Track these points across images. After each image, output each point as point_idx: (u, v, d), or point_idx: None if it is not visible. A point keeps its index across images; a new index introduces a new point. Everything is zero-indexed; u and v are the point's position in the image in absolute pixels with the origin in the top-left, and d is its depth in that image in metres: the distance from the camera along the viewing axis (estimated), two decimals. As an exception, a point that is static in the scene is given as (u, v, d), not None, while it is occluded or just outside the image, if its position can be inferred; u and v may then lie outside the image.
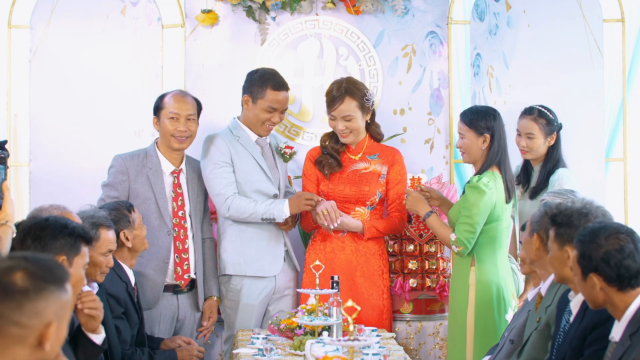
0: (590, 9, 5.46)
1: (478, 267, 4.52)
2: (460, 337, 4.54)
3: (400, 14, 5.55)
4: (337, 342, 3.17)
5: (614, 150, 5.72)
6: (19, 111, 5.62)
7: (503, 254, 4.61)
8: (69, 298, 2.12)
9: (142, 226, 4.42)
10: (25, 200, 5.44)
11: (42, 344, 2.05)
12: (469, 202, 4.49)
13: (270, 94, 4.86)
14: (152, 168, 4.81)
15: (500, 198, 4.52)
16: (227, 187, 4.83)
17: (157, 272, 4.72)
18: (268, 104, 4.87)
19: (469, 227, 4.47)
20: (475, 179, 4.49)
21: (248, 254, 4.89)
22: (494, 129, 4.52)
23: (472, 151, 4.56)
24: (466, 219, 4.48)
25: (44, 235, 3.10)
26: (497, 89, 5.54)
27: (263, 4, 5.50)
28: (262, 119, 4.90)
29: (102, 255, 3.83)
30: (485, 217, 4.47)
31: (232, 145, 4.90)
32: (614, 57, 5.62)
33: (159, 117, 4.83)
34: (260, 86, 4.88)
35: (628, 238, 2.83)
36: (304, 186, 5.00)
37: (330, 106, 4.86)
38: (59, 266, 2.14)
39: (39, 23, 5.46)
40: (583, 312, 3.20)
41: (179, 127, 4.78)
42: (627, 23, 5.62)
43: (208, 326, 4.90)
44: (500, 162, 4.53)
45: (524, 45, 5.50)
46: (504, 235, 4.61)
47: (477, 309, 4.50)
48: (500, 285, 4.51)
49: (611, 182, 5.64)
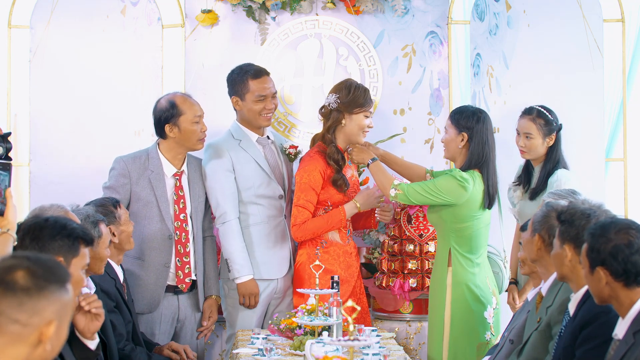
0: (590, 9, 5.46)
1: (453, 267, 4.57)
2: (438, 335, 4.59)
3: (400, 14, 5.55)
4: (337, 342, 3.17)
5: (614, 150, 5.72)
6: (19, 111, 5.62)
7: (481, 254, 4.64)
8: (70, 298, 2.13)
9: (129, 223, 4.41)
10: (25, 200, 5.45)
11: (42, 343, 2.06)
12: (437, 179, 4.60)
13: (252, 83, 4.88)
14: (154, 171, 4.77)
15: (475, 199, 4.54)
16: (229, 200, 4.83)
17: (158, 276, 4.71)
18: (256, 94, 4.87)
19: (420, 187, 4.54)
20: (456, 170, 4.58)
21: (254, 256, 4.88)
22: (474, 130, 4.56)
23: (450, 147, 4.65)
24: (423, 184, 4.57)
25: (42, 236, 3.09)
26: (497, 89, 5.54)
27: (263, 4, 5.50)
28: (257, 111, 4.89)
29: (105, 249, 3.89)
30: (442, 200, 4.51)
31: (233, 152, 4.89)
32: (614, 57, 5.62)
33: (176, 124, 4.74)
34: (241, 81, 4.90)
35: (638, 234, 2.81)
36: (307, 198, 4.80)
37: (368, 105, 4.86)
38: (61, 266, 2.15)
39: (39, 23, 5.46)
40: (577, 312, 3.21)
41: (203, 128, 4.79)
42: (627, 23, 5.62)
43: (208, 326, 4.89)
44: (483, 166, 4.57)
45: (524, 45, 5.50)
46: (482, 235, 4.63)
47: (453, 309, 4.55)
48: (476, 284, 4.56)
49: (611, 182, 5.64)
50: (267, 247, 4.90)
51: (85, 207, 4.03)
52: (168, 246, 4.74)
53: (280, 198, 4.94)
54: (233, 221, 4.84)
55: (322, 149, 4.87)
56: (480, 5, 5.60)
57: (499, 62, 5.54)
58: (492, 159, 4.60)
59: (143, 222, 4.71)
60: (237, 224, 4.85)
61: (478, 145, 4.57)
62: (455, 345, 4.54)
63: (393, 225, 5.19)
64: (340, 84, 4.91)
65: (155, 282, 4.71)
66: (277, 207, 4.95)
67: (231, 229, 4.83)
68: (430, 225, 5.06)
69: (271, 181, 4.92)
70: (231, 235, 4.83)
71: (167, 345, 4.52)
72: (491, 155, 4.60)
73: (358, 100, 4.80)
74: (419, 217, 5.11)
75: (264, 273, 4.89)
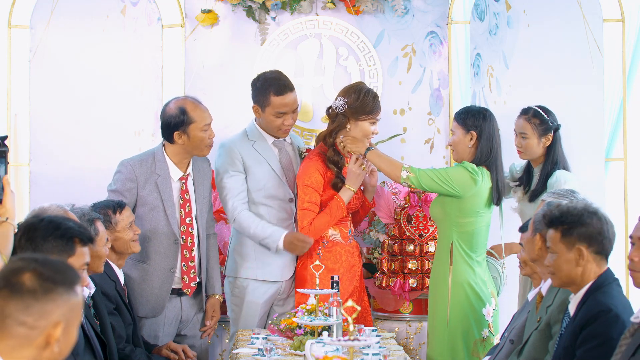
0: (590, 9, 5.45)
1: (454, 266, 4.57)
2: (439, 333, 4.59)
3: (400, 14, 5.55)
4: (337, 342, 3.17)
5: (614, 150, 5.72)
6: (19, 111, 5.61)
7: (481, 254, 4.65)
8: (78, 300, 2.11)
9: (128, 229, 4.35)
10: (25, 200, 5.44)
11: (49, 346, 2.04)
12: (449, 169, 4.61)
13: (274, 99, 4.81)
14: (161, 175, 4.71)
15: (482, 194, 4.56)
16: (237, 197, 4.82)
17: (163, 281, 4.68)
18: (275, 110, 4.82)
19: (433, 173, 4.54)
20: (467, 162, 4.58)
21: (261, 258, 4.87)
22: (482, 128, 4.59)
23: (459, 148, 4.64)
24: (436, 170, 4.57)
25: (35, 237, 3.06)
26: (497, 89, 5.54)
27: (263, 4, 5.50)
28: (276, 125, 4.86)
29: (104, 247, 3.89)
30: (451, 189, 4.51)
31: (245, 152, 4.87)
32: (614, 57, 5.62)
33: (186, 132, 4.66)
34: (264, 94, 4.83)
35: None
36: (310, 200, 4.81)
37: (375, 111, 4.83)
38: (70, 268, 2.13)
39: (39, 23, 5.46)
40: (577, 313, 3.21)
41: (211, 135, 4.74)
42: (627, 23, 5.61)
43: (211, 325, 4.87)
44: (491, 164, 4.59)
45: (524, 45, 5.50)
46: (482, 233, 4.64)
47: (454, 307, 4.55)
48: (477, 282, 4.57)
49: (611, 182, 5.63)
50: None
51: (82, 206, 4.01)
52: (174, 251, 4.71)
53: (290, 201, 4.93)
54: (243, 211, 4.81)
55: (322, 151, 4.86)
56: (480, 5, 5.60)
57: (499, 62, 5.54)
58: (499, 156, 4.63)
59: (148, 227, 4.66)
60: (247, 212, 4.82)
61: (487, 143, 4.59)
62: (455, 342, 4.55)
63: (393, 225, 5.19)
64: (350, 87, 4.86)
65: (160, 286, 4.68)
66: (287, 210, 4.94)
67: (244, 218, 4.80)
68: (431, 225, 5.06)
69: (282, 183, 4.91)
70: (246, 223, 4.80)
71: (166, 346, 4.52)
72: (498, 152, 4.62)
73: (366, 107, 4.76)
74: (419, 217, 5.11)
75: (268, 275, 4.88)
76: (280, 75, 4.91)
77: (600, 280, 3.22)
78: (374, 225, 5.38)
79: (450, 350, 4.55)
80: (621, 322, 3.07)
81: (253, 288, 4.88)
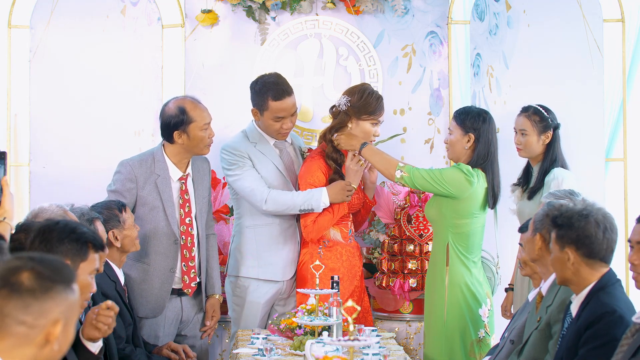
0: (590, 9, 5.45)
1: (451, 267, 4.57)
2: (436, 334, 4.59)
3: (400, 14, 5.55)
4: (337, 342, 3.17)
5: (614, 150, 5.72)
6: (19, 111, 5.61)
7: (477, 255, 4.65)
8: (76, 298, 2.12)
9: (133, 227, 4.37)
10: (25, 200, 5.44)
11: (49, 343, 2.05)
12: (444, 169, 4.59)
13: (272, 104, 4.81)
14: (161, 175, 4.70)
15: (477, 196, 4.56)
16: (259, 182, 4.80)
17: (164, 281, 4.67)
18: (274, 115, 4.82)
19: (426, 173, 4.53)
20: (462, 164, 4.58)
21: (263, 257, 4.88)
22: (481, 131, 4.59)
23: (456, 148, 4.64)
24: (430, 171, 4.55)
25: (51, 238, 3.08)
26: (497, 89, 5.54)
27: (263, 4, 5.50)
28: (274, 129, 4.86)
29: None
30: (445, 190, 4.50)
31: (251, 153, 4.87)
32: (614, 57, 5.62)
33: (186, 131, 4.65)
34: (262, 98, 4.83)
35: None
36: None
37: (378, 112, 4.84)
38: (66, 266, 2.14)
39: (39, 23, 5.46)
40: (580, 314, 3.21)
41: (211, 134, 4.73)
42: (627, 23, 5.61)
43: (211, 325, 4.87)
44: (487, 167, 4.58)
45: (524, 45, 5.50)
46: (478, 235, 4.64)
47: (450, 308, 4.55)
48: (473, 283, 4.58)
49: (611, 182, 5.63)
50: (276, 248, 4.89)
51: (81, 206, 4.01)
52: (174, 251, 4.70)
53: None
54: (272, 191, 4.79)
55: (324, 149, 4.87)
56: (480, 5, 5.60)
57: (499, 62, 5.54)
58: (496, 160, 4.63)
59: (148, 227, 4.66)
60: (272, 190, 4.79)
61: (484, 146, 4.59)
62: (452, 343, 4.56)
63: (393, 225, 5.19)
64: (355, 87, 4.88)
65: (160, 287, 4.68)
66: None
67: (277, 194, 4.78)
68: (431, 225, 5.06)
69: (287, 182, 4.91)
70: (282, 197, 4.77)
71: (166, 346, 4.52)
72: (495, 156, 4.62)
73: (368, 107, 4.77)
74: (419, 217, 5.11)
75: (270, 274, 4.88)
76: (279, 79, 4.89)
77: (603, 281, 3.23)
78: (374, 225, 5.38)
79: (448, 351, 4.55)
80: (625, 323, 3.08)
81: (254, 288, 4.88)
